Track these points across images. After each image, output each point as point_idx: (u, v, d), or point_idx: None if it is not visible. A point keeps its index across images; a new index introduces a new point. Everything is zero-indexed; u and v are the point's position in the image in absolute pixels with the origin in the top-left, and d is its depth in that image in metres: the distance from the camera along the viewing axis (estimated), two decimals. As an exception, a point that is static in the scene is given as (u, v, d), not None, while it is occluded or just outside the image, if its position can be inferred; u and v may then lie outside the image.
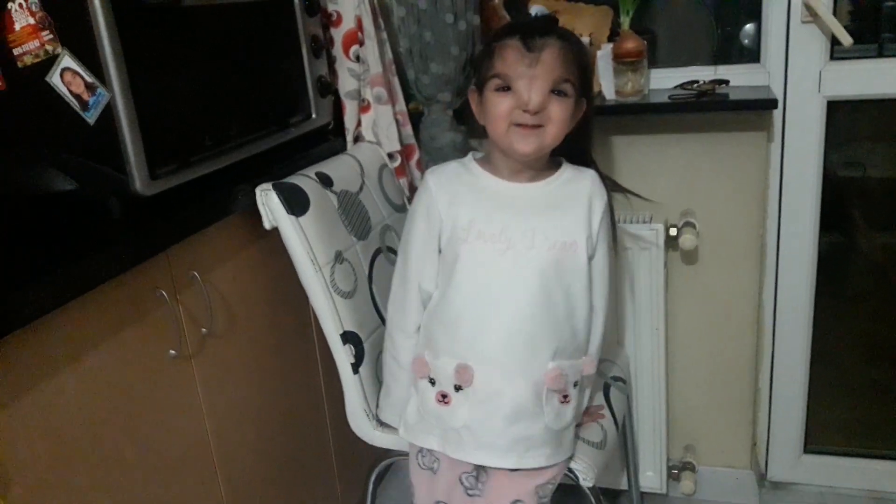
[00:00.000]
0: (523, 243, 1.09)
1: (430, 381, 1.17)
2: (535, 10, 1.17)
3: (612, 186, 1.20)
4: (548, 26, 1.08)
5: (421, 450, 1.23)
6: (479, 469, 1.18)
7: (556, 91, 1.06)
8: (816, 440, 1.80)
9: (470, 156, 1.21)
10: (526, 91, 1.05)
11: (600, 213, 1.14)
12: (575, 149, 1.18)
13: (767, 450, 1.80)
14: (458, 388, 1.13)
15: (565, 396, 1.15)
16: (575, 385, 1.17)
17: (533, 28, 1.07)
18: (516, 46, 1.06)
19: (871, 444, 1.81)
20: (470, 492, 1.19)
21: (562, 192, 1.14)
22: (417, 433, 1.20)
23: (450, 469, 1.19)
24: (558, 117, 1.07)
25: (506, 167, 1.15)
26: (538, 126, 1.06)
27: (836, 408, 1.83)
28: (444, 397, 1.15)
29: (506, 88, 1.07)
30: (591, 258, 1.14)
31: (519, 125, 1.07)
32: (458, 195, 1.14)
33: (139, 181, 1.03)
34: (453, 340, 1.13)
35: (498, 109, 1.07)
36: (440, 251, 1.15)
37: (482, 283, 1.11)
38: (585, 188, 1.15)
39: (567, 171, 1.17)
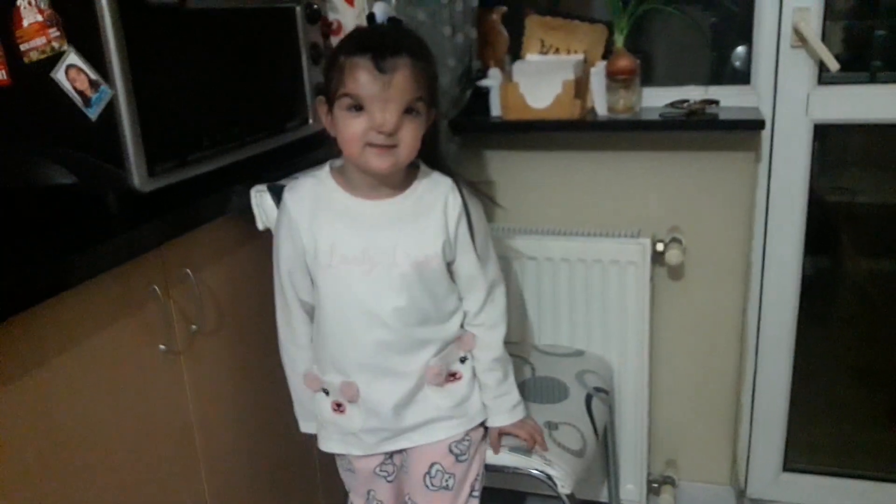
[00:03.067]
0: (385, 261, 1.11)
1: (325, 392, 1.21)
2: (378, 8, 1.11)
3: (469, 190, 1.19)
4: (398, 42, 1.05)
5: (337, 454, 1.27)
6: (392, 455, 1.23)
7: (408, 110, 1.05)
8: (796, 459, 1.82)
9: (327, 167, 1.17)
10: (380, 114, 1.03)
11: (455, 218, 1.15)
12: (427, 154, 1.17)
13: (747, 467, 1.82)
14: (349, 401, 1.19)
15: (453, 374, 1.20)
16: (462, 360, 1.21)
17: (384, 47, 1.03)
18: (368, 68, 1.02)
19: (849, 464, 1.83)
20: (389, 478, 1.24)
21: (418, 205, 1.14)
22: (323, 440, 1.25)
23: (364, 466, 1.24)
24: (411, 136, 1.06)
25: (363, 182, 1.13)
26: (392, 146, 1.05)
27: (816, 428, 1.85)
28: (338, 406, 1.20)
29: (358, 108, 1.04)
30: (450, 262, 1.16)
31: (373, 145, 1.05)
32: (317, 217, 1.13)
33: (138, 177, 1.05)
34: (333, 356, 1.17)
35: (351, 130, 1.05)
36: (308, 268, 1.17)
37: (351, 301, 1.13)
38: (440, 196, 1.15)
39: (423, 182, 1.16)
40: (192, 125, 1.19)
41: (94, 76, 1.01)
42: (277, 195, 1.27)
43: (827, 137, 1.67)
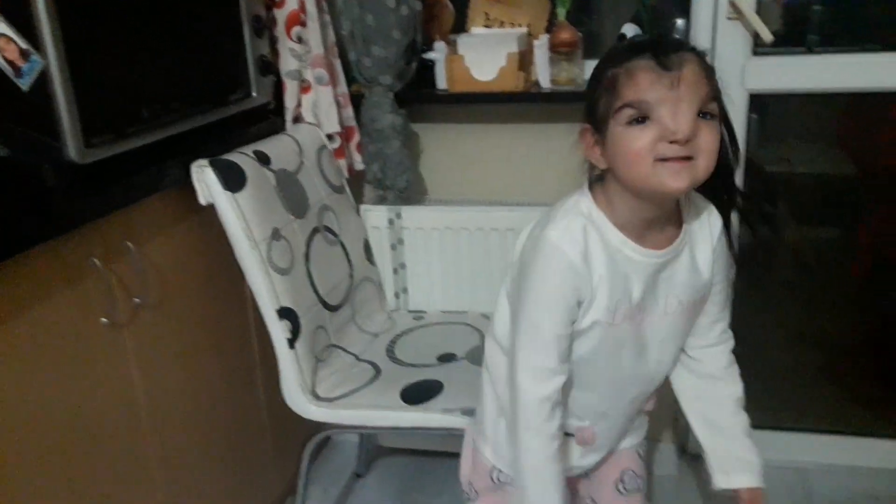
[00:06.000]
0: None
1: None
2: (628, 28, 1.02)
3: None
4: (677, 40, 0.92)
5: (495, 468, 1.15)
6: None
7: (703, 114, 0.86)
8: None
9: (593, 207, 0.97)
10: (671, 118, 0.85)
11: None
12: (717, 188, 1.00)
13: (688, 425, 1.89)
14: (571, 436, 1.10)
15: None
16: None
17: (664, 44, 0.88)
18: (650, 67, 0.86)
19: (784, 419, 1.92)
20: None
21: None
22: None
23: None
24: (709, 146, 0.87)
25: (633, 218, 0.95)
26: (688, 158, 0.86)
27: (753, 386, 1.93)
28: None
29: (641, 119, 0.86)
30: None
31: (665, 160, 0.86)
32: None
33: (73, 149, 1.04)
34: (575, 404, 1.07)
35: (636, 145, 0.86)
36: None
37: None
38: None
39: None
40: (130, 96, 1.17)
41: (24, 45, 0.99)
42: (219, 170, 1.27)
43: (766, 110, 1.72)
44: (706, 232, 1.02)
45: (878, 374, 1.94)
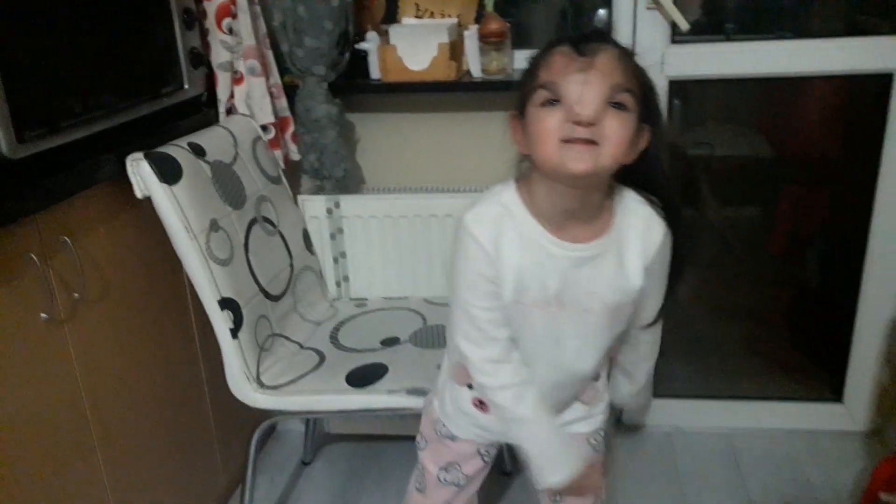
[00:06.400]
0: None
1: (468, 387, 1.12)
2: None
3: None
4: (603, 35, 0.92)
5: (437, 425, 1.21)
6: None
7: (615, 104, 0.87)
8: (665, 386, 1.99)
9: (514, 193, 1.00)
10: (577, 99, 0.86)
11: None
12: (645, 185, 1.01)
13: (623, 400, 1.98)
14: None
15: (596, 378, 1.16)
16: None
17: (587, 36, 0.90)
18: (566, 52, 0.88)
19: (711, 388, 2.03)
20: (486, 458, 1.21)
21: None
22: (449, 423, 1.18)
23: (468, 447, 1.19)
24: (616, 135, 0.87)
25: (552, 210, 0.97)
26: (593, 143, 0.87)
27: (681, 358, 2.04)
28: (481, 403, 1.12)
29: (553, 101, 0.88)
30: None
31: (570, 141, 0.87)
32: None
33: (5, 144, 1.03)
34: None
35: (544, 125, 0.88)
36: None
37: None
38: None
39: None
40: (60, 89, 1.16)
41: (-51, 40, 0.98)
42: (155, 163, 1.26)
43: (687, 96, 1.81)
44: (641, 240, 1.00)
45: (795, 343, 2.07)
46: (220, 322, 1.34)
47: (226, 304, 1.34)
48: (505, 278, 0.98)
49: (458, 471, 1.20)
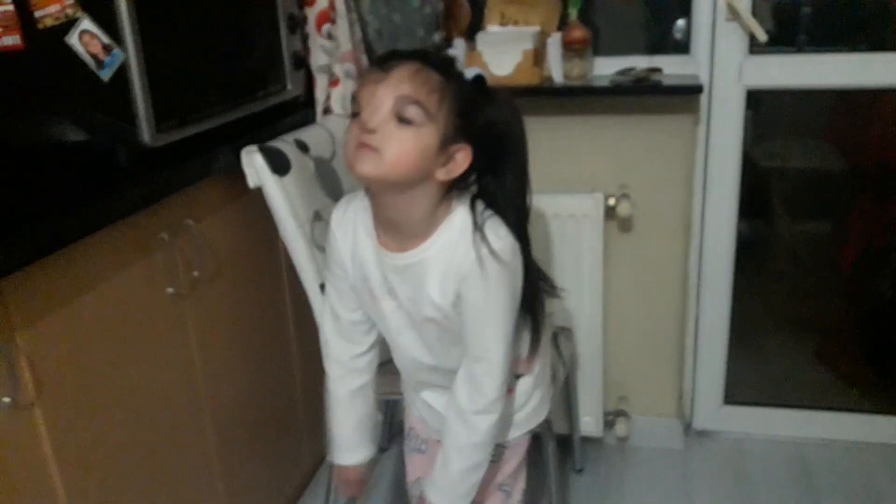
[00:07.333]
0: None
1: None
2: (469, 72, 1.02)
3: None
4: (415, 53, 0.97)
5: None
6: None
7: (402, 119, 0.92)
8: (735, 394, 2.02)
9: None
10: (366, 107, 0.93)
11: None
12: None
13: (693, 401, 2.02)
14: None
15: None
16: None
17: (396, 52, 0.97)
18: (373, 68, 0.97)
19: (779, 397, 2.04)
20: (422, 448, 1.33)
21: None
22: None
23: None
24: (395, 145, 0.92)
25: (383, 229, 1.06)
26: (374, 149, 0.92)
27: (752, 366, 2.06)
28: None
29: (356, 113, 0.96)
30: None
31: (359, 145, 0.94)
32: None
33: (147, 133, 1.15)
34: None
35: (349, 133, 0.96)
36: None
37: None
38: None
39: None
40: (191, 86, 1.29)
41: (106, 41, 1.10)
42: (267, 155, 1.37)
43: (760, 106, 1.84)
44: (446, 262, 1.02)
45: (868, 357, 2.06)
46: (320, 305, 1.43)
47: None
48: (346, 263, 1.11)
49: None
